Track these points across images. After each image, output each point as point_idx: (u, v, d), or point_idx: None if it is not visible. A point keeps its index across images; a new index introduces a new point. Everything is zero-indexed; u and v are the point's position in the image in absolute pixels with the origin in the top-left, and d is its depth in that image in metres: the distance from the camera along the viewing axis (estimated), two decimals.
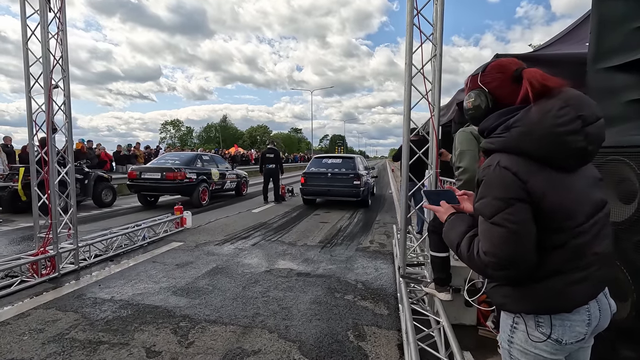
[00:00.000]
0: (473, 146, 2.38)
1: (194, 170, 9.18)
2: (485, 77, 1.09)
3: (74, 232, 4.02)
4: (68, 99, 3.90)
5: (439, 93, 2.94)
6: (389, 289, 3.60)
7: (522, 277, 0.97)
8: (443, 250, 2.62)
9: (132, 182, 8.88)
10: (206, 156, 10.66)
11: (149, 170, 8.95)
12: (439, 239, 2.60)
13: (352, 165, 9.07)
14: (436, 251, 2.62)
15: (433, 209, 1.31)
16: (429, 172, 3.17)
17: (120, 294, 3.38)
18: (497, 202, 0.94)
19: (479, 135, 2.39)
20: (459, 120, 2.64)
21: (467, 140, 2.39)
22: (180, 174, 8.67)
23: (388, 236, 5.99)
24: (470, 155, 2.34)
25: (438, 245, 2.62)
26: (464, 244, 1.07)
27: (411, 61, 2.93)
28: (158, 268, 4.18)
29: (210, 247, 5.15)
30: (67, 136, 3.95)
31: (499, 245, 0.93)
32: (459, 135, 2.44)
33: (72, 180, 4.02)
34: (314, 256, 4.74)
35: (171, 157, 10.10)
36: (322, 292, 3.49)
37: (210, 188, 9.58)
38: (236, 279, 3.82)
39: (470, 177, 2.29)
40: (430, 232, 2.67)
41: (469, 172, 2.32)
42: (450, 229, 1.17)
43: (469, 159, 2.34)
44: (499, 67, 1.09)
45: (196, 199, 8.96)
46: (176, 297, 3.32)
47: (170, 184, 8.62)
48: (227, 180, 10.63)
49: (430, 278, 3.07)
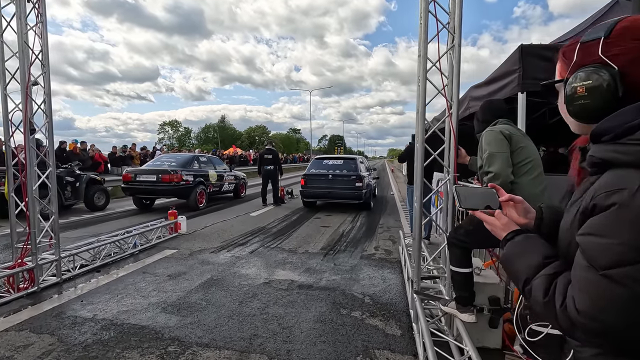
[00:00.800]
0: (504, 148, 2.08)
1: (191, 172, 8.91)
2: (613, 46, 0.71)
3: (56, 242, 3.70)
4: (48, 97, 3.58)
5: (457, 88, 2.63)
6: (399, 304, 3.29)
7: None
8: (466, 265, 2.31)
9: (126, 185, 8.61)
10: (203, 157, 10.38)
11: (144, 172, 8.67)
12: (462, 253, 2.29)
13: (353, 167, 8.77)
14: (458, 266, 2.32)
15: (484, 219, 0.95)
16: (445, 176, 2.86)
17: (104, 312, 3.06)
18: (627, 250, 0.60)
19: (515, 134, 2.06)
20: (483, 118, 2.33)
21: (496, 141, 2.08)
22: (176, 176, 8.39)
23: (393, 242, 5.68)
24: (501, 158, 2.03)
25: (460, 260, 2.32)
26: (539, 284, 0.74)
27: (426, 53, 2.62)
28: (148, 280, 3.86)
29: (206, 255, 4.83)
30: (47, 137, 3.62)
31: (609, 310, 0.61)
32: (487, 136, 2.13)
33: (54, 185, 3.69)
34: (316, 265, 4.43)
35: (167, 158, 9.79)
36: (326, 308, 3.18)
37: (207, 190, 9.29)
38: (232, 293, 3.50)
39: (502, 184, 1.98)
40: (452, 245, 2.36)
41: (501, 178, 2.00)
42: (516, 256, 0.83)
43: (500, 163, 2.03)
44: (638, 29, 0.70)
45: (193, 201, 8.66)
46: (166, 315, 3.01)
47: (166, 186, 8.35)
48: (225, 182, 10.35)
49: (447, 294, 2.77)
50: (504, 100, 2.52)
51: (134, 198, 9.00)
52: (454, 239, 2.33)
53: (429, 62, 2.66)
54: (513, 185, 2.02)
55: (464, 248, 2.29)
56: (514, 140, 2.10)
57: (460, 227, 2.34)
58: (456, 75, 2.62)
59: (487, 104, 2.42)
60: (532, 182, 2.05)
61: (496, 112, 2.32)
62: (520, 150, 2.08)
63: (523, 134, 2.20)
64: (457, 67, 2.61)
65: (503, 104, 2.37)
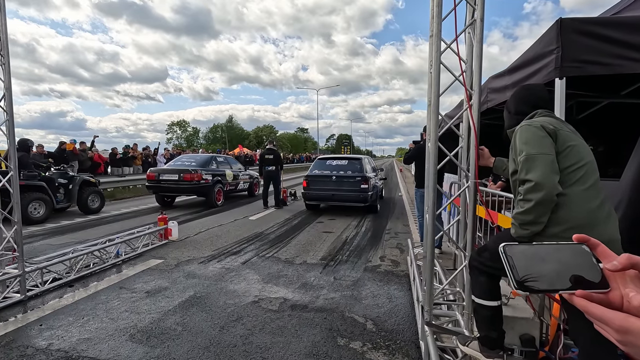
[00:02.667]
0: (548, 148, 1.52)
1: (210, 172, 9.39)
2: None
3: (20, 254, 3.29)
4: (9, 92, 3.17)
5: (479, 73, 2.12)
6: (407, 332, 2.79)
7: None
8: (493, 296, 1.81)
9: (150, 184, 9.08)
10: (220, 157, 10.83)
11: (167, 172, 9.15)
12: (488, 281, 1.79)
13: (359, 167, 8.25)
14: (483, 298, 1.82)
15: (585, 309, 0.43)
16: (463, 182, 2.36)
17: (62, 340, 2.63)
18: None
19: (561, 129, 1.54)
20: (517, 108, 1.79)
21: (537, 139, 1.54)
22: (196, 175, 8.84)
23: (401, 251, 5.17)
24: (544, 162, 1.49)
25: (486, 290, 1.82)
26: None
27: (439, 30, 2.12)
28: (123, 297, 3.43)
29: (193, 266, 4.39)
30: (8, 137, 3.21)
31: None
32: (524, 132, 1.60)
33: (16, 190, 3.28)
34: (314, 279, 3.95)
35: (187, 158, 10.29)
36: (321, 337, 2.70)
37: (224, 189, 9.78)
38: (214, 315, 3.05)
39: (545, 197, 1.46)
40: (475, 270, 1.86)
41: (545, 189, 1.46)
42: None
43: (543, 168, 1.48)
44: None
45: (212, 199, 9.13)
46: (132, 345, 2.56)
47: (187, 185, 8.81)
48: (240, 180, 10.79)
49: (466, 325, 2.26)
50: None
51: (156, 196, 9.55)
52: (478, 262, 1.83)
53: (443, 44, 2.17)
54: (560, 197, 1.49)
55: (491, 275, 1.79)
56: (561, 137, 1.56)
57: (485, 249, 1.83)
58: (477, 57, 2.11)
59: (523, 90, 1.88)
60: (586, 194, 1.50)
61: (535, 101, 1.77)
62: (570, 151, 1.54)
63: (572, 130, 1.66)
64: (479, 48, 2.10)
65: (544, 90, 1.83)
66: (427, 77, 2.27)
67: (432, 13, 2.15)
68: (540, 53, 2.26)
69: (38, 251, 4.89)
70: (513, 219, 1.60)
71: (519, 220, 1.55)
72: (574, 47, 2.05)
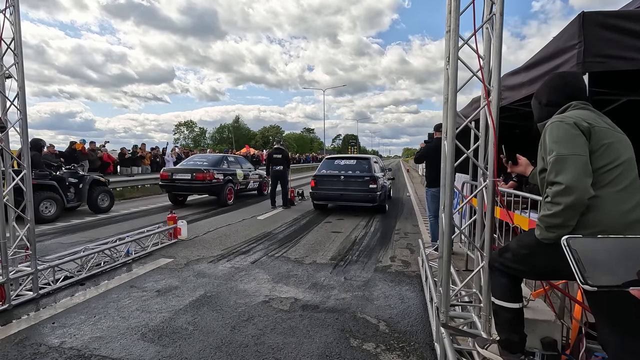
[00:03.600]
0: (580, 148, 1.40)
1: (221, 171, 9.63)
2: None
3: (32, 252, 3.31)
4: (22, 91, 3.19)
5: (498, 69, 2.07)
6: (420, 333, 2.75)
7: None
8: (514, 298, 1.76)
9: (164, 183, 9.38)
10: (231, 157, 11.07)
11: (180, 171, 9.41)
12: (510, 282, 1.74)
13: (367, 167, 8.20)
14: (504, 299, 1.76)
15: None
16: (481, 181, 2.31)
17: (74, 338, 2.63)
18: None
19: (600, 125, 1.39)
20: (549, 99, 1.64)
21: (569, 138, 1.42)
22: (209, 174, 9.08)
23: (412, 251, 5.11)
24: (576, 164, 1.38)
25: (507, 292, 1.76)
26: None
27: (457, 26, 2.08)
28: (134, 295, 3.43)
29: (203, 265, 4.38)
30: (21, 136, 3.23)
31: None
32: (555, 129, 1.47)
33: (29, 189, 3.30)
34: (324, 279, 3.92)
35: (199, 158, 10.55)
36: (333, 337, 2.66)
37: (235, 188, 10.01)
38: (225, 314, 3.03)
39: (576, 201, 1.36)
40: (495, 271, 1.81)
41: (576, 193, 1.35)
42: None
43: (574, 170, 1.37)
44: None
45: (223, 198, 9.42)
46: (144, 344, 2.55)
47: (199, 184, 9.05)
48: (250, 180, 11.02)
49: (484, 328, 2.21)
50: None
51: (169, 194, 9.82)
52: (499, 263, 1.78)
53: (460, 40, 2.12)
54: (591, 200, 1.39)
55: (513, 277, 1.74)
56: (596, 135, 1.44)
57: (507, 250, 1.77)
58: (497, 53, 2.06)
59: (557, 78, 1.70)
60: (620, 196, 1.39)
61: (570, 91, 1.61)
62: (605, 150, 1.43)
63: (610, 124, 1.53)
64: (499, 44, 2.05)
65: (581, 79, 1.69)
66: (444, 73, 2.23)
67: (448, 8, 2.11)
68: (561, 48, 2.20)
69: (49, 249, 4.93)
70: (539, 220, 1.53)
71: (546, 222, 1.47)
72: (597, 42, 1.99)
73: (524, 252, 1.64)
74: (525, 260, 1.63)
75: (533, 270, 1.67)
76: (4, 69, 3.11)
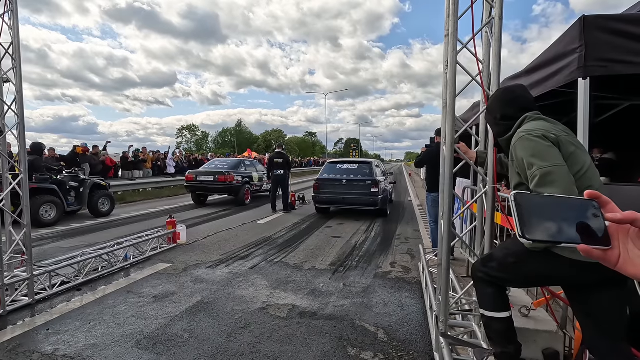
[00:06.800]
0: (559, 158, 1.38)
1: (240, 174, 10.58)
2: None
3: (28, 258, 3.28)
4: (20, 95, 3.18)
5: (497, 74, 2.04)
6: (420, 342, 2.69)
7: None
8: (502, 307, 1.71)
9: (189, 184, 10.41)
10: (248, 161, 12.10)
11: (204, 173, 10.46)
12: (496, 292, 1.69)
13: (369, 171, 8.17)
14: (493, 310, 1.71)
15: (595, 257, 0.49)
16: (480, 187, 2.26)
17: (68, 345, 2.59)
18: None
19: (562, 136, 1.33)
20: (503, 112, 1.64)
21: (544, 150, 1.40)
22: (229, 176, 10.06)
23: (413, 257, 5.05)
24: (562, 175, 1.35)
25: (494, 302, 1.71)
26: None
27: (456, 30, 2.05)
28: (130, 302, 3.39)
29: (201, 270, 4.35)
30: (18, 140, 3.22)
31: None
32: (527, 144, 1.45)
33: (26, 193, 3.28)
34: (323, 285, 3.87)
35: (220, 162, 11.57)
36: (331, 346, 2.61)
37: (252, 189, 10.92)
38: (222, 321, 2.99)
39: None
40: (480, 282, 1.76)
41: None
42: None
43: (564, 183, 1.34)
44: None
45: (241, 198, 10.31)
46: (138, 352, 2.51)
47: (221, 185, 10.09)
48: (264, 182, 11.73)
49: (482, 336, 2.16)
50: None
51: (192, 195, 10.79)
52: (483, 273, 1.72)
53: (459, 43, 2.09)
54: None
55: (499, 286, 1.69)
56: (563, 145, 1.43)
57: (491, 259, 1.72)
58: (495, 57, 2.03)
59: (506, 93, 1.71)
60: None
61: (523, 103, 1.61)
62: (573, 158, 1.42)
63: (566, 130, 1.52)
64: (498, 47, 2.02)
65: (527, 90, 1.70)
66: (442, 77, 2.19)
67: (447, 11, 2.08)
68: (561, 52, 2.17)
69: (48, 254, 4.91)
70: None
71: None
72: (598, 46, 1.95)
73: (511, 261, 1.60)
74: (513, 268, 1.60)
75: (521, 279, 1.64)
76: (2, 73, 3.10)
